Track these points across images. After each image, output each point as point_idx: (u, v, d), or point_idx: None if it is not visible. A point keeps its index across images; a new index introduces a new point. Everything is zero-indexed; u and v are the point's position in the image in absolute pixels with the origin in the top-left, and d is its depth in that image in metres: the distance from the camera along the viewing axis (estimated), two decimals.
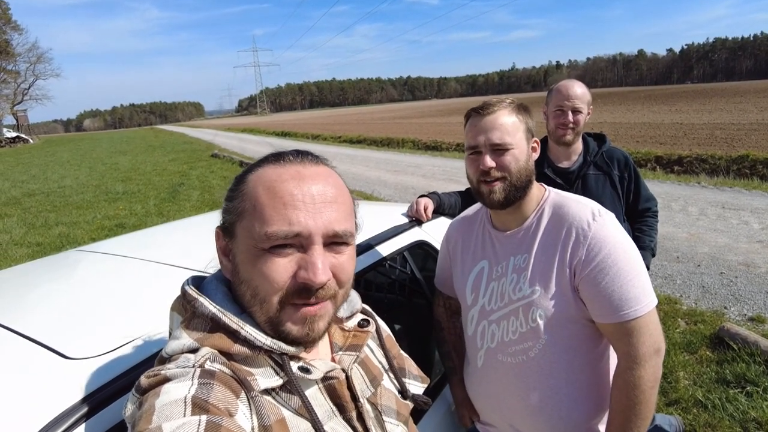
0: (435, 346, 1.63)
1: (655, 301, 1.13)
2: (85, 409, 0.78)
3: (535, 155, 1.26)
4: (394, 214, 1.93)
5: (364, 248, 1.57)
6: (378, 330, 0.89)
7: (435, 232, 1.87)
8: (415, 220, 1.91)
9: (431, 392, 1.59)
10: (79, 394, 0.80)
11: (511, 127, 1.19)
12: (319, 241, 0.67)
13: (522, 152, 1.20)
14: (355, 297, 0.86)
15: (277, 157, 0.71)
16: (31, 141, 48.42)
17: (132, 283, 1.27)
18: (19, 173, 18.47)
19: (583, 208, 1.19)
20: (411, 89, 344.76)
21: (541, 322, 1.18)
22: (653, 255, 2.20)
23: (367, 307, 0.91)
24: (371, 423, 0.76)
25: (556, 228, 1.20)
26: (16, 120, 54.55)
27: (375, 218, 1.84)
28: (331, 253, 0.69)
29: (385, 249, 1.65)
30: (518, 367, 1.23)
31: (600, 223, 1.15)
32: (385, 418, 0.80)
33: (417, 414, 1.45)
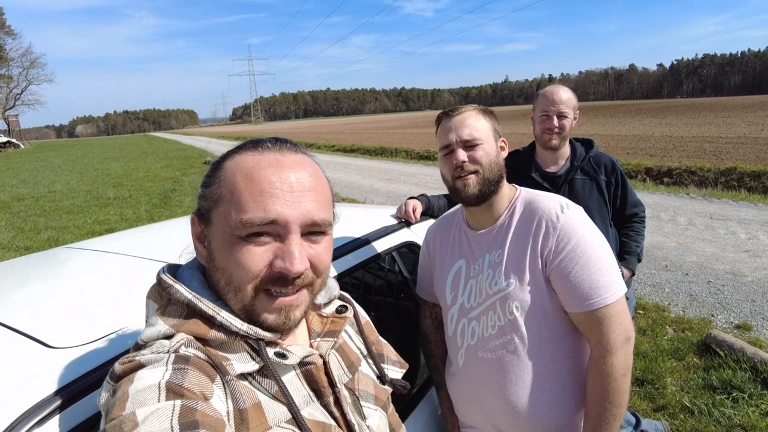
0: (421, 347, 1.63)
1: (624, 290, 1.17)
2: (67, 396, 0.78)
3: (504, 153, 1.32)
4: (384, 216, 1.94)
5: (352, 247, 1.58)
6: (356, 316, 0.90)
7: (423, 233, 1.88)
8: (404, 221, 1.92)
9: (417, 394, 1.59)
10: (61, 382, 0.80)
11: (479, 125, 1.26)
12: (296, 230, 0.66)
13: (491, 148, 1.26)
14: (333, 284, 0.86)
15: (255, 144, 0.70)
16: (22, 146, 48.01)
17: (119, 278, 1.27)
18: (8, 177, 18.29)
19: (552, 202, 1.24)
20: (405, 100, 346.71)
21: (517, 314, 1.21)
22: (639, 260, 2.22)
23: (346, 294, 0.92)
24: (348, 408, 0.77)
25: (527, 222, 1.24)
26: (8, 125, 54.13)
27: (364, 219, 1.85)
28: (309, 242, 0.68)
29: (374, 249, 1.66)
30: (498, 363, 1.25)
31: (568, 215, 1.20)
32: (362, 402, 0.80)
33: (402, 413, 1.45)
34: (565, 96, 2.03)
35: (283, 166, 0.67)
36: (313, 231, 0.69)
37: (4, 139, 45.63)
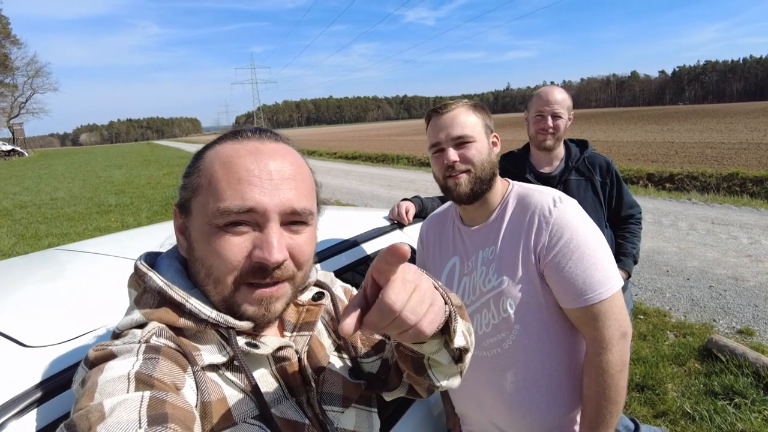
0: None
1: (620, 284, 1.14)
2: (39, 395, 0.76)
3: (496, 149, 1.28)
4: (377, 218, 1.93)
5: (343, 248, 1.56)
6: (333, 302, 0.85)
7: (417, 235, 1.86)
8: (397, 223, 1.90)
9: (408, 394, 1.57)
10: (34, 381, 0.79)
11: (469, 122, 1.22)
12: (275, 218, 0.64)
13: (483, 146, 1.23)
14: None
15: (235, 134, 0.69)
16: (26, 154, 48.34)
17: (103, 278, 1.25)
18: (11, 185, 18.38)
19: (544, 196, 1.21)
20: (407, 108, 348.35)
21: (511, 312, 1.18)
22: (635, 262, 2.19)
23: (325, 278, 0.88)
24: (318, 409, 0.74)
25: (519, 217, 1.21)
26: (12, 133, 54.49)
27: (357, 221, 1.84)
28: (289, 233, 0.66)
29: (365, 250, 1.64)
30: (494, 361, 1.22)
31: (561, 208, 1.16)
32: (325, 407, 0.76)
33: (395, 413, 1.42)
34: (560, 96, 2.02)
35: (263, 154, 0.66)
36: (294, 221, 0.67)
37: (9, 147, 45.94)
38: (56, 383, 0.79)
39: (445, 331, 0.62)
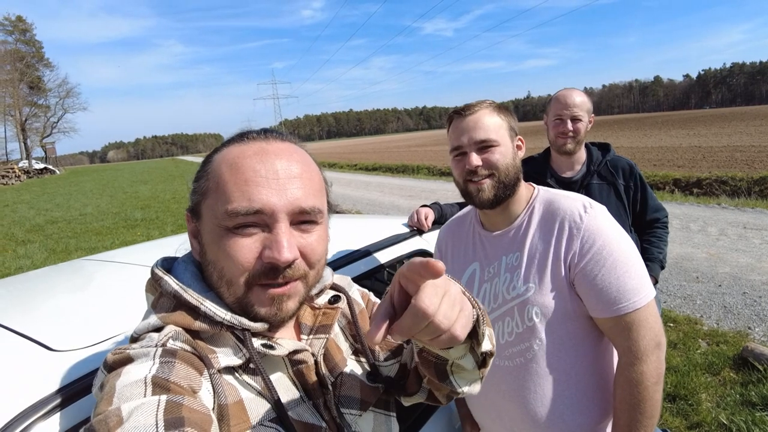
0: None
1: (653, 293, 1.10)
2: (64, 397, 0.78)
3: (521, 153, 1.25)
4: (396, 225, 1.93)
5: (362, 254, 1.57)
6: (350, 305, 0.84)
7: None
8: (416, 229, 1.90)
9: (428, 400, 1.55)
10: (60, 383, 0.80)
11: (493, 125, 1.18)
12: (284, 218, 0.64)
13: (507, 149, 1.19)
14: (326, 272, 0.82)
15: (241, 136, 0.70)
16: (57, 172, 50.01)
17: (127, 285, 1.28)
18: (44, 202, 19.02)
19: (573, 201, 1.17)
20: (427, 119, 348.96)
21: (537, 320, 1.14)
22: (662, 267, 2.13)
23: (341, 282, 0.87)
24: (336, 412, 0.73)
25: (548, 224, 1.17)
26: (45, 152, 56.56)
27: (376, 229, 1.84)
28: (299, 232, 0.66)
29: (385, 256, 1.64)
30: (516, 371, 1.18)
31: (592, 215, 1.12)
32: (342, 410, 0.75)
33: (417, 422, 1.41)
34: (579, 99, 1.99)
35: (269, 154, 0.66)
36: (303, 220, 0.67)
37: (42, 165, 47.63)
38: (80, 386, 0.81)
39: (472, 335, 0.62)
